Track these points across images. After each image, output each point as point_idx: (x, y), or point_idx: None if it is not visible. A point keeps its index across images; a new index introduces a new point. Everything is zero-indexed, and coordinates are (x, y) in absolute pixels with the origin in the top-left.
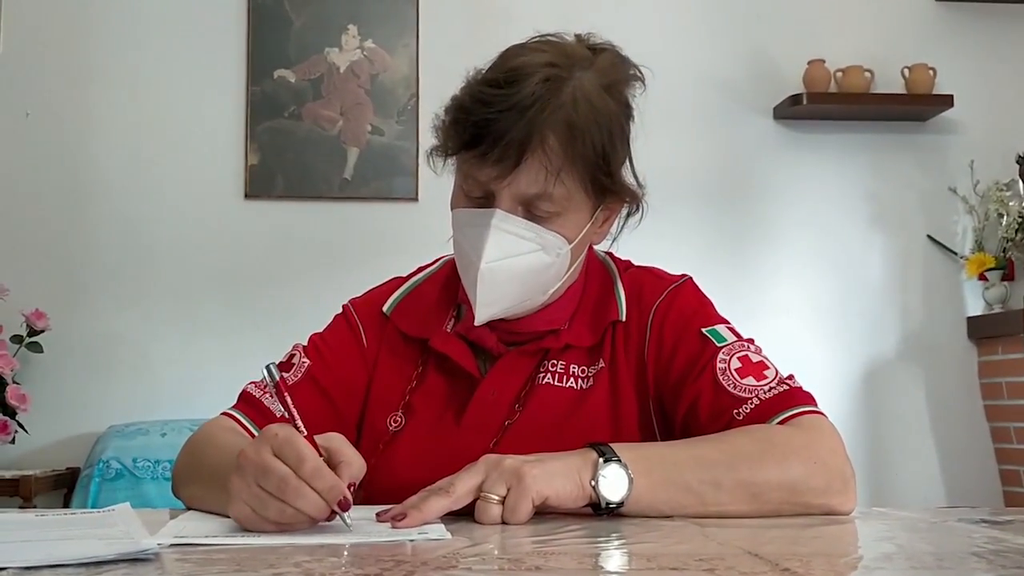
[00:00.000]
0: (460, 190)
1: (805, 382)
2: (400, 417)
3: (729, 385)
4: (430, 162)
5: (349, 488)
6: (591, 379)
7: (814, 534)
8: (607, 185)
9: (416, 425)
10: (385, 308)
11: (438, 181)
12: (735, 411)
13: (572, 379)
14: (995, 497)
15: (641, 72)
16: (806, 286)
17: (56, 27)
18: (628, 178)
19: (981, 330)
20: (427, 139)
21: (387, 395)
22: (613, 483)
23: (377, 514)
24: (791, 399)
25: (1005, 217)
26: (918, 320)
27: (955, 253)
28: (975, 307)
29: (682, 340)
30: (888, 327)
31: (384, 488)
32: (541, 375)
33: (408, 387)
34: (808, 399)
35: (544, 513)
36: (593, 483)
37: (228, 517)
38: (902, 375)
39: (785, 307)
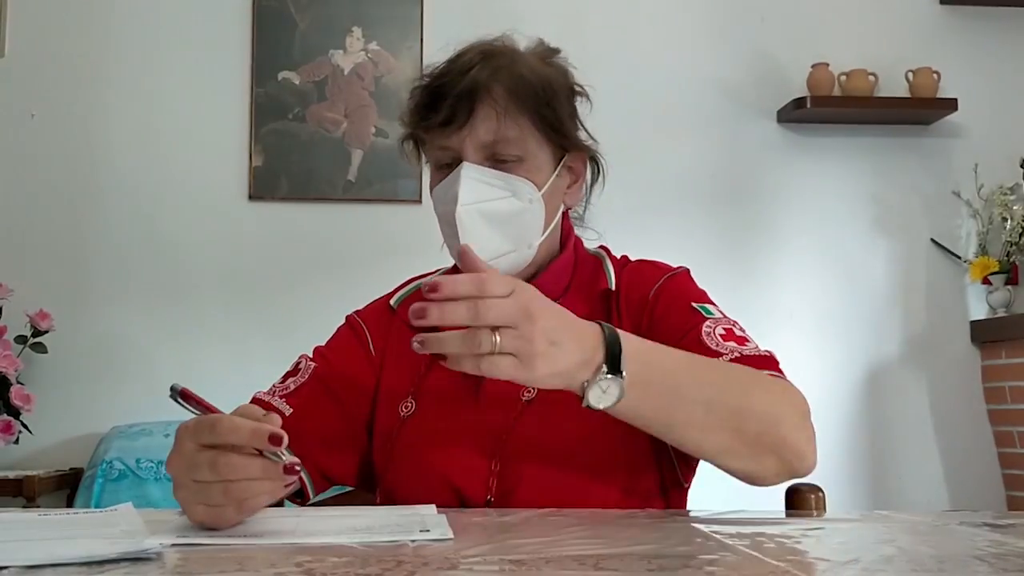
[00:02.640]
0: (434, 173)
1: (808, 385)
2: (411, 403)
3: (712, 344)
4: (403, 153)
5: (277, 441)
6: None
7: (815, 535)
8: (556, 126)
9: (429, 407)
10: (392, 302)
11: None
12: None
13: None
14: (998, 501)
15: (584, 90)
16: (809, 289)
17: (61, 29)
18: (580, 134)
19: (984, 334)
20: None
21: (397, 387)
22: (604, 395)
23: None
24: (769, 363)
25: (1009, 221)
26: (921, 324)
27: (959, 257)
28: (978, 311)
29: (671, 310)
30: (891, 330)
31: (403, 473)
32: None
33: (418, 374)
34: (783, 373)
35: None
36: (585, 383)
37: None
38: (905, 379)
39: (788, 310)
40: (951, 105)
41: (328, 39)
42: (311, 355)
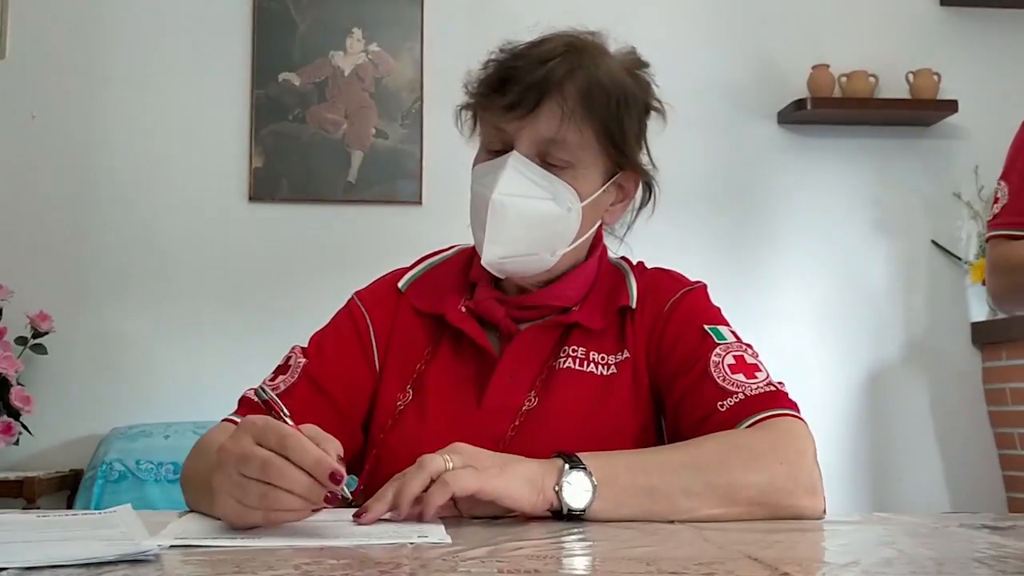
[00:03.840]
0: (483, 149)
1: (809, 387)
2: (409, 392)
3: (719, 377)
4: (458, 123)
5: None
6: (612, 367)
7: (815, 538)
8: (618, 142)
9: (428, 402)
10: (401, 284)
11: (442, 184)
12: (719, 403)
13: (592, 365)
14: (999, 503)
15: (662, 106)
16: (810, 291)
17: (62, 30)
18: (642, 154)
19: (985, 335)
20: (432, 142)
21: (400, 371)
22: (577, 490)
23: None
24: (774, 401)
25: None
26: (922, 325)
27: (959, 258)
28: (979, 312)
29: (684, 333)
30: (892, 332)
31: (398, 468)
32: (561, 360)
33: (419, 362)
34: (791, 405)
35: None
36: (556, 488)
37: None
38: (906, 380)
39: (789, 312)
40: (951, 107)
41: (328, 40)
42: (304, 346)
